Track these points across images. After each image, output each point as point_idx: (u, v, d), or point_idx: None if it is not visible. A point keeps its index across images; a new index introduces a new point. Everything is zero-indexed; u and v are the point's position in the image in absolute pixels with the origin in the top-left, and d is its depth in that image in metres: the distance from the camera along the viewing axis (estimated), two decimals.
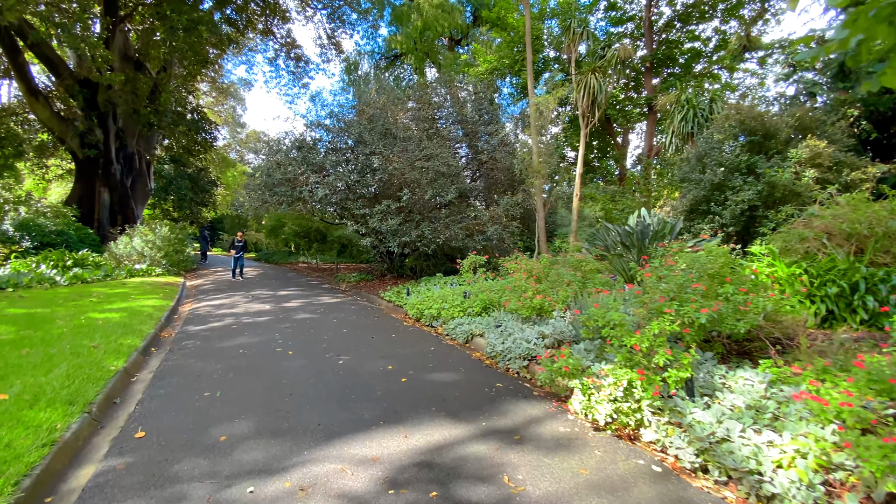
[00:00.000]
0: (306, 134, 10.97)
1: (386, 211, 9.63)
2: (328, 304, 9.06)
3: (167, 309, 8.02)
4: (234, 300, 9.50)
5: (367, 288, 11.31)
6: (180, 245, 15.86)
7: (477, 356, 5.28)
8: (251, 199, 10.92)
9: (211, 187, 26.00)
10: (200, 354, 5.31)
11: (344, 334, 6.33)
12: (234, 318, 7.54)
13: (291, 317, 7.56)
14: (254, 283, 12.48)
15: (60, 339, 5.43)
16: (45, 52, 14.92)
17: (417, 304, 7.45)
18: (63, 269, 11.33)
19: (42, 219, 12.84)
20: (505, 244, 10.59)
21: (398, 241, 9.51)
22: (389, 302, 9.16)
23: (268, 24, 26.44)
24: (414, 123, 11.21)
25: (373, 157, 9.40)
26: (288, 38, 28.54)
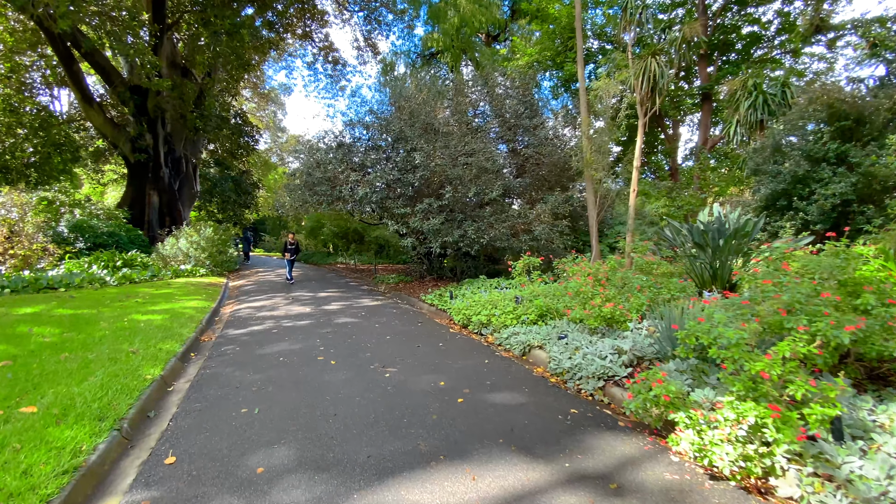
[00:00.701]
0: (346, 132, 10.69)
1: (427, 210, 9.13)
2: (369, 307, 8.66)
3: (209, 311, 7.87)
4: (274, 302, 9.30)
5: (407, 290, 10.87)
6: (224, 246, 16.09)
7: (539, 372, 4.63)
8: (292, 199, 10.78)
9: (253, 189, 26.60)
10: (239, 362, 4.97)
11: (388, 342, 5.85)
12: (274, 321, 7.26)
13: (332, 321, 7.19)
14: (294, 285, 12.35)
15: (101, 342, 5.26)
16: (98, 61, 15.54)
17: (464, 310, 6.87)
18: (113, 270, 11.60)
19: (95, 220, 13.30)
20: (553, 244, 9.84)
21: (440, 242, 8.98)
22: (432, 306, 8.65)
23: (306, 28, 26.87)
24: (453, 119, 10.67)
25: (414, 153, 8.94)
26: (326, 42, 28.91)
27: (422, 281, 12.10)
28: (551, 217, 10.04)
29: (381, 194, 9.22)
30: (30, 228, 11.30)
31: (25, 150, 15.54)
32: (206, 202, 24.78)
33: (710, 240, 7.03)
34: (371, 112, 10.32)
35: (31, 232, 11.21)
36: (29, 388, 3.78)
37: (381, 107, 11.33)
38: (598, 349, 4.39)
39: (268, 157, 42.62)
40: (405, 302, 9.56)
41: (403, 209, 9.07)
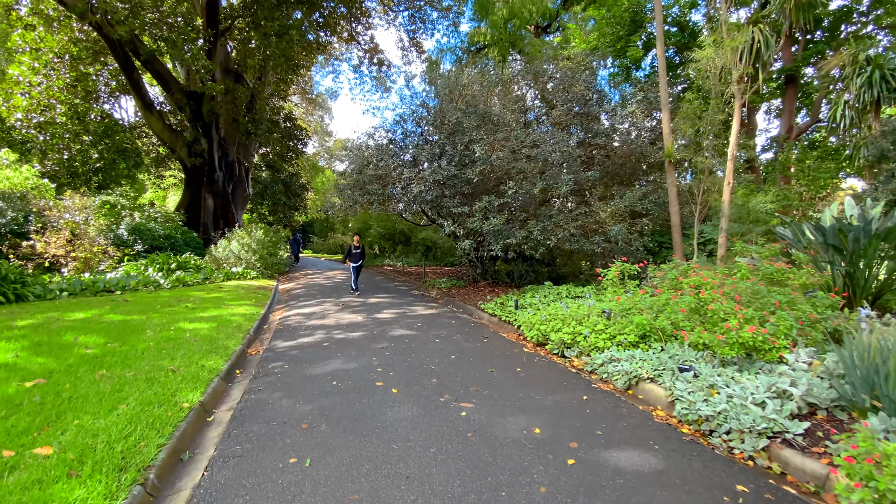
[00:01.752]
0: (397, 127, 10.01)
1: (486, 208, 8.20)
2: (424, 316, 7.86)
3: (257, 318, 7.39)
4: (324, 308, 8.73)
5: (462, 296, 9.99)
6: (274, 248, 16.02)
7: (660, 417, 3.56)
8: (342, 199, 10.24)
9: (302, 192, 26.92)
10: (287, 385, 4.28)
11: (453, 362, 4.97)
12: (324, 331, 6.61)
13: (387, 332, 6.43)
14: (343, 289, 11.85)
15: (142, 356, 4.77)
16: (156, 68, 15.94)
17: (537, 324, 5.87)
18: (167, 272, 11.61)
19: (153, 223, 13.51)
20: (632, 247, 8.59)
21: (501, 244, 8.02)
22: (493, 316, 7.71)
23: (352, 31, 26.88)
24: (511, 109, 9.66)
25: (473, 145, 8.05)
26: (371, 44, 28.86)
27: (475, 286, 11.19)
28: (629, 215, 8.80)
29: (437, 192, 8.40)
30: (92, 231, 11.53)
31: (91, 157, 16.25)
32: (257, 204, 25.30)
33: (851, 241, 5.61)
34: (423, 105, 9.53)
35: (92, 235, 11.43)
36: (52, 417, 3.24)
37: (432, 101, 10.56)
38: (746, 390, 3.26)
39: (315, 160, 43.56)
40: (461, 310, 8.68)
41: (460, 208, 8.20)
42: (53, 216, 10.59)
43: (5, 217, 10.32)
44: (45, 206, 10.65)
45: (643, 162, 10.78)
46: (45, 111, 14.37)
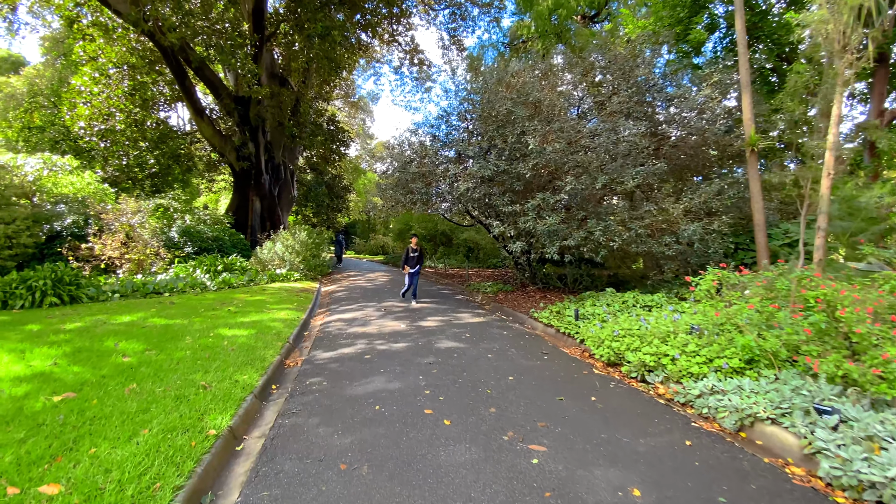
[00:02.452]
0: (442, 122, 9.41)
1: (540, 206, 7.43)
2: (472, 325, 7.21)
3: (298, 324, 7.05)
4: (366, 314, 8.31)
5: (510, 302, 9.26)
6: (316, 250, 15.98)
7: (799, 476, 2.70)
8: (384, 200, 9.80)
9: (345, 193, 27.13)
10: (325, 408, 3.78)
11: (512, 385, 4.29)
12: (366, 341, 6.13)
13: (433, 344, 5.84)
14: (385, 291, 11.46)
15: (175, 368, 4.46)
16: (206, 75, 16.38)
17: (608, 340, 5.06)
18: (214, 274, 11.70)
19: (202, 226, 13.78)
20: (710, 249, 7.51)
21: (557, 246, 7.22)
22: (548, 326, 6.94)
23: (392, 32, 26.84)
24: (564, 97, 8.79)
25: (525, 137, 7.30)
26: (411, 45, 28.75)
27: (524, 291, 10.40)
28: (705, 213, 7.73)
29: (484, 189, 7.72)
30: (146, 234, 11.84)
31: (148, 162, 16.97)
32: (302, 206, 25.74)
33: None
34: (468, 99, 8.85)
35: (146, 237, 11.73)
36: (69, 443, 2.89)
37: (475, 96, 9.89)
38: None
39: (358, 162, 44.23)
40: (511, 318, 7.95)
41: (511, 206, 7.48)
42: (109, 219, 10.93)
43: (66, 220, 10.76)
44: (101, 210, 11.02)
45: (717, 152, 9.58)
46: (107, 119, 15.11)
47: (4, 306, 7.32)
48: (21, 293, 7.46)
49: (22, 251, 8.96)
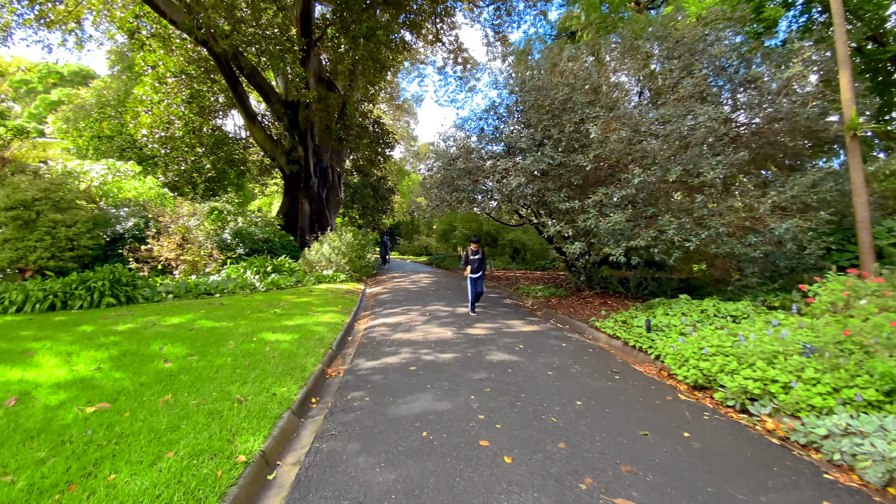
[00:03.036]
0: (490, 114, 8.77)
1: (601, 202, 6.64)
2: (525, 334, 6.57)
3: (341, 328, 6.76)
4: (410, 318, 7.90)
5: (565, 308, 8.49)
6: (362, 251, 15.92)
7: None
8: (428, 199, 9.35)
9: (389, 195, 27.21)
10: (367, 431, 3.33)
11: (582, 412, 3.63)
12: (411, 349, 5.68)
13: (483, 356, 5.27)
14: (429, 294, 11.04)
15: (214, 378, 4.22)
16: (257, 81, 16.83)
17: (693, 358, 4.26)
18: (263, 275, 11.83)
19: (253, 228, 14.06)
20: (806, 250, 6.39)
21: (623, 247, 6.40)
22: (614, 338, 6.16)
23: (437, 32, 26.61)
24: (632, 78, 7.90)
25: (585, 125, 6.55)
26: (455, 44, 28.42)
27: (579, 295, 9.57)
28: (797, 209, 6.61)
29: (538, 185, 7.03)
30: (201, 236, 12.20)
31: (205, 167, 17.72)
32: (348, 208, 26.09)
33: None
34: (519, 85, 8.15)
35: (201, 239, 12.07)
36: (89, 465, 2.62)
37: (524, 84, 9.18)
38: None
39: (402, 164, 44.60)
40: (569, 327, 7.21)
41: (568, 203, 6.75)
42: (166, 222, 11.32)
43: (128, 223, 11.26)
44: (159, 213, 11.45)
45: (807, 139, 8.30)
46: (167, 127, 15.89)
47: (65, 306, 7.59)
48: (80, 294, 7.72)
49: (83, 252, 9.41)
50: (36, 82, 24.08)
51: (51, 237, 8.69)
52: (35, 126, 21.43)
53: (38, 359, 4.76)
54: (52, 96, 21.86)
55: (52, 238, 8.72)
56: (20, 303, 7.27)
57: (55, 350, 5.11)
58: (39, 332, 5.96)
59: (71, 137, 18.02)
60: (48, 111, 20.35)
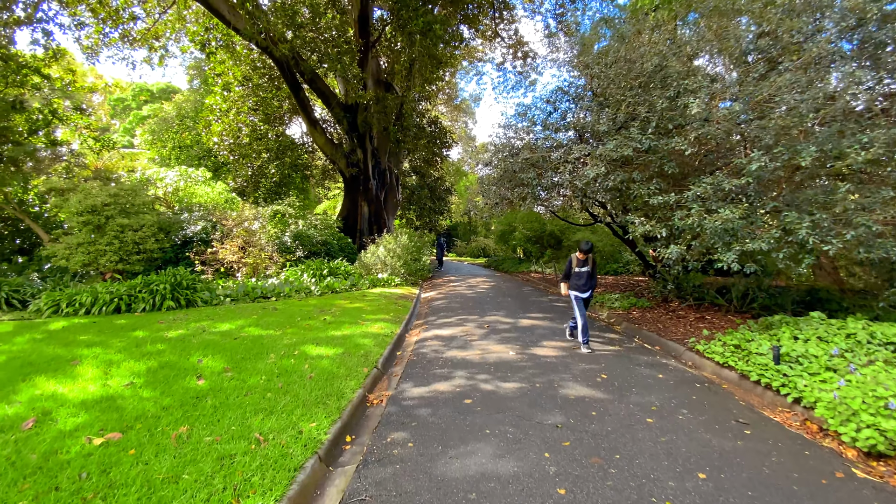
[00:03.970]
0: (560, 95, 7.61)
1: (702, 196, 5.30)
2: (606, 357, 5.43)
3: (390, 341, 6.09)
4: (466, 331, 7.05)
5: (650, 323, 7.16)
6: (418, 253, 15.41)
7: None
8: (487, 197, 8.42)
9: (446, 195, 26.68)
10: (407, 498, 2.52)
11: (710, 497, 2.53)
12: (466, 373, 4.82)
13: (557, 390, 4.26)
14: (487, 302, 10.11)
15: (241, 402, 3.68)
16: (318, 86, 17.01)
17: (863, 412, 2.96)
18: (319, 278, 11.65)
19: (312, 230, 14.06)
20: None
21: (737, 250, 5.03)
22: (724, 366, 4.85)
23: (496, 28, 25.68)
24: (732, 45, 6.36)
25: (684, 98, 5.25)
26: (514, 39, 27.31)
27: (666, 307, 8.12)
28: None
29: (622, 175, 5.81)
30: (263, 239, 12.32)
31: (270, 172, 18.29)
32: (406, 210, 25.94)
33: None
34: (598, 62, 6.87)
35: (263, 242, 12.19)
36: None
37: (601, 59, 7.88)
38: None
39: (460, 165, 44.11)
40: (660, 348, 5.94)
41: (660, 197, 5.48)
42: (230, 225, 11.51)
43: (197, 227, 11.61)
44: (222, 216, 11.68)
45: None
46: (236, 135, 16.54)
47: (129, 309, 7.70)
48: (143, 297, 7.81)
49: (149, 255, 9.73)
50: (130, 100, 26.81)
51: (118, 241, 9.04)
52: (129, 140, 23.71)
53: (79, 369, 4.57)
54: (143, 112, 24.05)
55: (120, 242, 9.07)
56: (89, 305, 7.47)
57: (100, 359, 4.93)
58: (95, 337, 5.93)
59: (155, 148, 19.50)
60: (138, 125, 22.36)
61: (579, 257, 5.93)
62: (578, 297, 5.97)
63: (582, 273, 5.90)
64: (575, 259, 6.00)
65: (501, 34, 26.80)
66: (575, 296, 6.01)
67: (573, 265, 5.99)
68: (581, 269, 5.94)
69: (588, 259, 5.94)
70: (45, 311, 7.36)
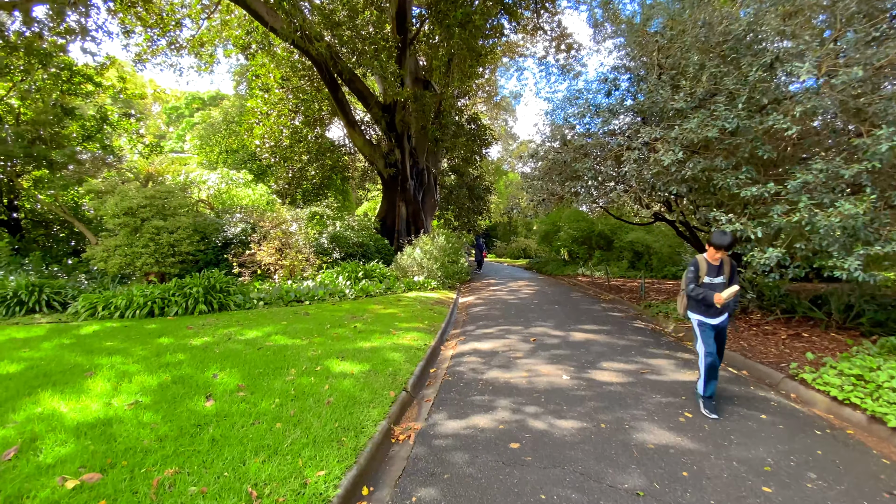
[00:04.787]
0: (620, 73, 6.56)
1: (814, 183, 4.19)
2: (687, 387, 4.45)
3: (423, 356, 5.43)
4: (509, 344, 6.25)
5: (729, 340, 6.02)
6: (455, 255, 14.72)
7: None
8: (532, 193, 7.52)
9: (485, 194, 25.82)
10: None
11: None
12: (511, 403, 4.04)
13: (629, 433, 3.38)
14: (531, 309, 9.22)
15: (245, 435, 3.13)
16: (356, 87, 16.78)
17: None
18: (354, 281, 11.26)
19: (349, 232, 13.75)
20: None
21: (860, 255, 3.91)
22: (842, 403, 3.76)
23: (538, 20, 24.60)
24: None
25: (782, 67, 4.15)
26: (557, 31, 26.06)
27: (747, 320, 6.90)
28: None
29: (703, 162, 4.73)
30: (300, 240, 12.12)
31: (310, 174, 18.30)
32: (444, 210, 25.37)
33: None
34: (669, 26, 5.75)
35: (300, 244, 11.98)
36: None
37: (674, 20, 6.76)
38: None
39: (500, 164, 43.09)
40: (749, 374, 4.86)
41: (751, 188, 4.41)
42: (266, 227, 11.36)
43: (237, 228, 11.56)
44: (259, 218, 11.56)
45: None
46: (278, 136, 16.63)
47: (162, 313, 7.54)
48: (177, 300, 7.63)
49: (183, 258, 9.67)
50: (183, 108, 28.16)
51: (154, 243, 9.02)
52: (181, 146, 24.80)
53: (90, 382, 4.24)
54: (195, 119, 25.08)
55: (156, 244, 9.04)
56: (123, 308, 7.37)
57: (116, 370, 4.62)
58: (120, 344, 5.70)
59: (204, 153, 20.12)
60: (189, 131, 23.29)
61: (711, 258, 3.83)
62: (707, 325, 3.87)
63: (716, 284, 3.79)
64: (703, 262, 3.88)
65: (544, 26, 25.63)
66: (699, 321, 3.91)
67: (700, 270, 3.86)
68: (714, 278, 3.80)
69: (725, 262, 3.86)
70: (82, 313, 7.34)
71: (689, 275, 3.92)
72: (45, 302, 7.65)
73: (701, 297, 3.77)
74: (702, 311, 3.93)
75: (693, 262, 3.94)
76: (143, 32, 13.05)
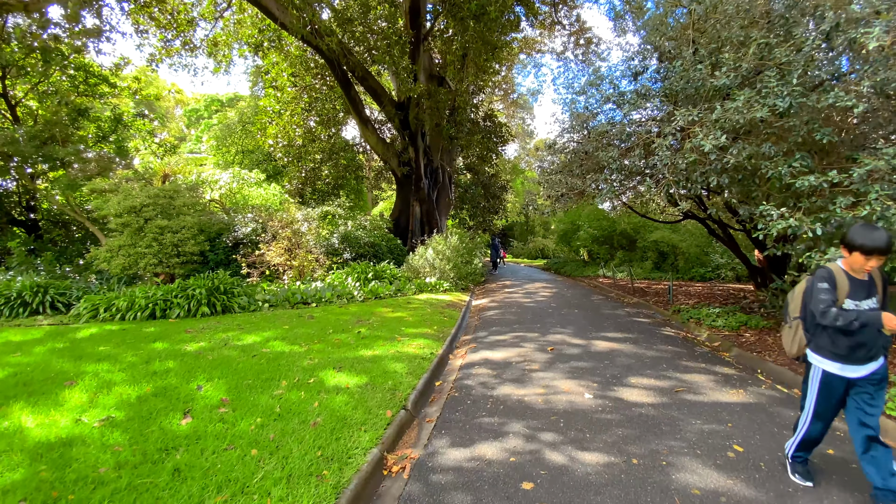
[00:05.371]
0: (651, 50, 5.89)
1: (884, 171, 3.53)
2: (731, 410, 3.84)
3: (428, 367, 4.97)
4: (524, 354, 5.72)
5: (774, 351, 5.36)
6: (469, 256, 14.21)
7: None
8: (550, 189, 6.92)
9: (501, 193, 25.19)
10: None
11: None
12: (525, 428, 3.52)
13: (667, 472, 2.81)
14: (549, 314, 8.64)
15: (215, 463, 2.71)
16: (369, 84, 16.49)
17: None
18: (364, 282, 10.89)
19: (360, 231, 13.42)
20: None
21: None
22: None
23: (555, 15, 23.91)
24: None
25: (841, 36, 3.51)
26: (576, 26, 25.30)
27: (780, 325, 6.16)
28: None
29: (748, 149, 4.06)
30: (311, 240, 11.84)
31: (323, 173, 18.09)
32: (458, 209, 24.88)
33: None
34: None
35: (310, 244, 11.70)
36: None
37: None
38: None
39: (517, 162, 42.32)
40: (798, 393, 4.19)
41: (806, 178, 3.74)
42: (276, 227, 11.10)
43: (248, 228, 11.35)
44: (268, 218, 11.31)
45: None
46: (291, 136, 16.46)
47: (164, 315, 7.30)
48: (179, 302, 7.38)
49: (188, 258, 9.46)
50: (203, 110, 28.54)
51: (157, 243, 8.83)
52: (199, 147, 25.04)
53: (68, 393, 3.93)
54: (213, 120, 25.31)
55: (159, 244, 8.85)
56: (124, 310, 7.15)
57: (99, 379, 4.31)
58: (112, 349, 5.42)
59: (220, 153, 20.19)
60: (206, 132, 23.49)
61: (857, 268, 2.36)
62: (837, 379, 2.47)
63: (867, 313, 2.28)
64: (840, 275, 2.42)
65: (562, 21, 24.93)
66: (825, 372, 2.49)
67: (838, 289, 2.39)
68: (861, 301, 2.36)
69: (875, 277, 2.44)
70: (83, 315, 7.16)
71: (822, 294, 2.35)
72: (48, 303, 7.52)
73: (855, 323, 2.22)
74: (837, 353, 2.42)
75: (823, 275, 2.43)
76: (157, 33, 13.00)
